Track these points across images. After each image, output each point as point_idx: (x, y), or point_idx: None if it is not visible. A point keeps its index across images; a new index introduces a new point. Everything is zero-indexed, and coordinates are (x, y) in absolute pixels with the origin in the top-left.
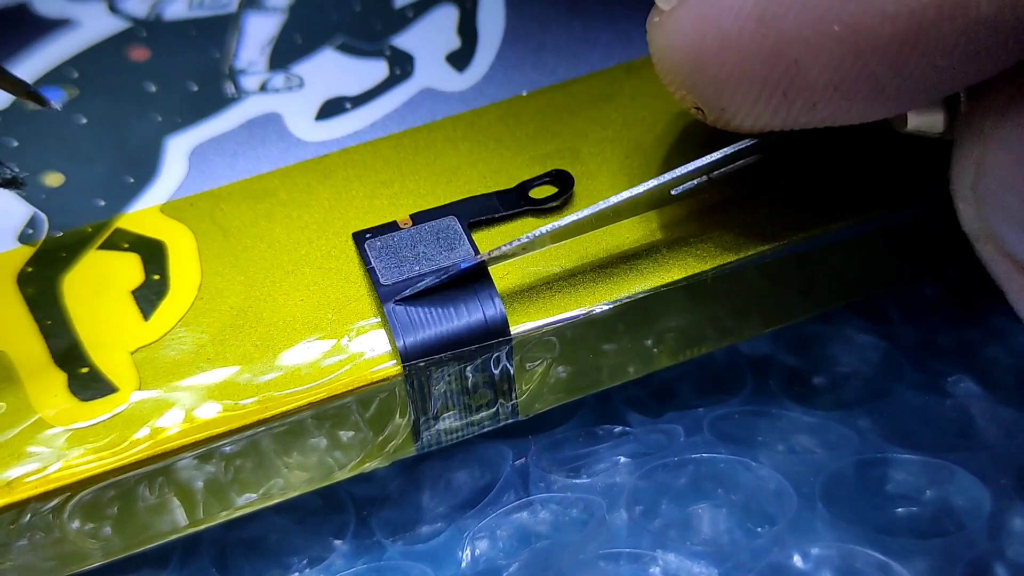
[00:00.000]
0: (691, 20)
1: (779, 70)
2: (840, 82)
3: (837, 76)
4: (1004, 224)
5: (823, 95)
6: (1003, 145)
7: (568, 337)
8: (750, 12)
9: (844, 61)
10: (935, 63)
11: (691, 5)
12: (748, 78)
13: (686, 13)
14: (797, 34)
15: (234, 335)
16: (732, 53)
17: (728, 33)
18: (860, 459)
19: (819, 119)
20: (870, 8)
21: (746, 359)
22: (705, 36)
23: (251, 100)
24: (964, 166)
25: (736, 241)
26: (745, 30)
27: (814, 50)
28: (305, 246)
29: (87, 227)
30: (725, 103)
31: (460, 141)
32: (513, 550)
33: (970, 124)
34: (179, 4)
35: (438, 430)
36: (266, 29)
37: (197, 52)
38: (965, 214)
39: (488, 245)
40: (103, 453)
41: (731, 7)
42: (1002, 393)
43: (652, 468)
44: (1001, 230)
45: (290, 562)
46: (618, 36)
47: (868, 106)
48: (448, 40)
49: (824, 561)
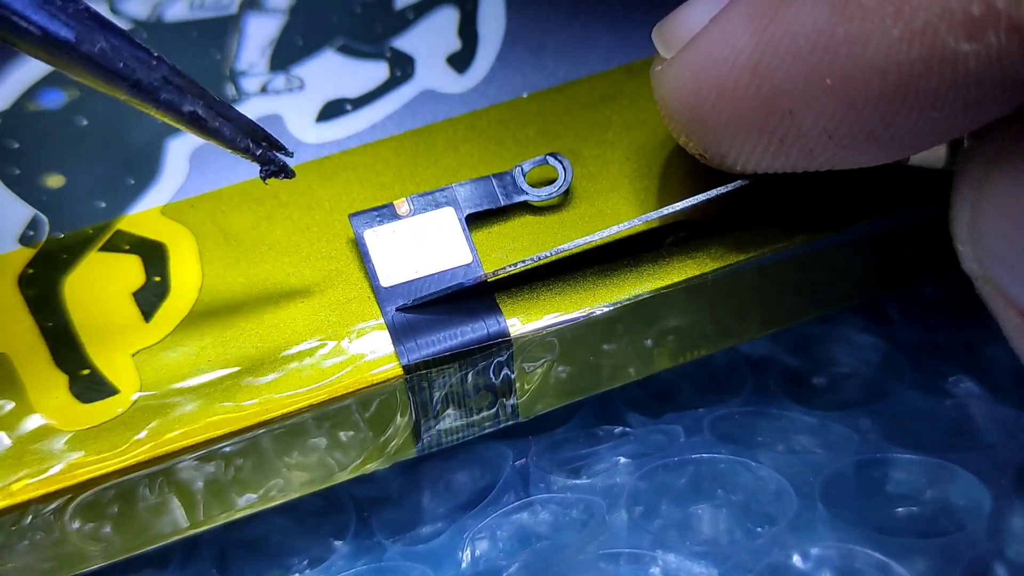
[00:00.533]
0: (689, 71)
1: (774, 119)
2: (834, 132)
3: (831, 126)
4: (998, 268)
5: (818, 143)
6: (994, 193)
7: (568, 338)
8: (744, 64)
9: (837, 112)
10: (926, 115)
11: (689, 55)
12: (745, 126)
13: (685, 63)
14: (791, 86)
15: (235, 337)
16: (728, 103)
17: (724, 84)
18: (860, 459)
19: (817, 164)
20: (860, 62)
21: (746, 359)
22: (702, 86)
23: (252, 102)
24: (960, 209)
25: (736, 244)
26: (740, 81)
27: (807, 101)
28: (306, 248)
29: (88, 229)
30: (724, 149)
31: (460, 143)
32: (513, 551)
33: (967, 168)
34: (180, 5)
35: (439, 431)
36: (267, 31)
37: (198, 54)
38: (963, 255)
39: (486, 245)
40: (104, 455)
41: (727, 59)
42: (1002, 393)
43: (652, 468)
44: (996, 274)
45: (290, 563)
46: (619, 38)
47: (864, 154)
48: (449, 42)
49: (824, 561)
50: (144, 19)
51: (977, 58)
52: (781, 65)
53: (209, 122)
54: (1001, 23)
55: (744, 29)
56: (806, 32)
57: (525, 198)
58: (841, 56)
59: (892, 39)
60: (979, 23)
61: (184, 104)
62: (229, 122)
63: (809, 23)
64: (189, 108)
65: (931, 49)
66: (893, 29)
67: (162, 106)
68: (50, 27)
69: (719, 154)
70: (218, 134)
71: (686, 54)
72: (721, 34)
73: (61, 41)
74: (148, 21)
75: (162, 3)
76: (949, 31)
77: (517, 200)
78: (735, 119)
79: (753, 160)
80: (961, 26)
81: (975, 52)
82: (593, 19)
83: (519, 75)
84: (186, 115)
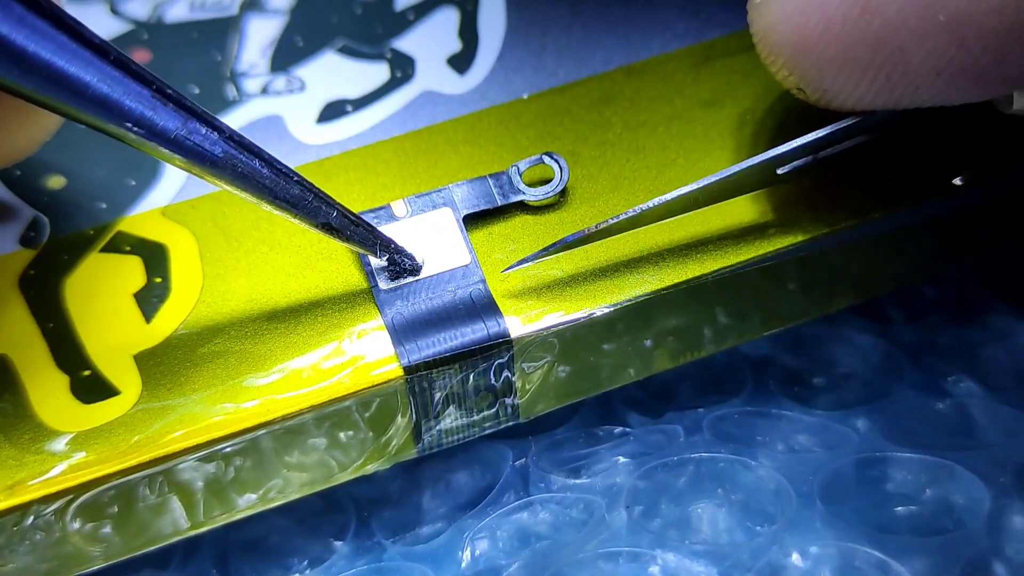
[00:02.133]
0: (795, 3)
1: (882, 56)
2: (944, 69)
3: (941, 63)
4: None
5: (926, 80)
6: None
7: (569, 339)
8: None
9: (948, 50)
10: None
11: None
12: (851, 63)
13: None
14: (902, 22)
15: (236, 338)
16: (836, 38)
17: (832, 18)
18: (859, 458)
19: (921, 100)
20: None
21: (746, 359)
22: (808, 20)
23: (252, 103)
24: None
25: (736, 244)
26: (850, 16)
27: (918, 38)
28: (306, 249)
29: (89, 230)
30: (827, 85)
31: (461, 144)
32: (513, 550)
33: None
34: (180, 6)
35: (439, 432)
36: (267, 31)
37: (198, 54)
38: None
39: (486, 247)
40: (105, 456)
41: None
42: (1002, 392)
43: (652, 468)
44: None
45: (290, 563)
46: (619, 39)
47: (971, 90)
48: (449, 43)
49: (823, 560)
50: (145, 20)
51: None
52: (894, 1)
53: (341, 232)
54: None
55: None
56: None
57: (522, 197)
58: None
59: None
60: None
61: (319, 216)
62: (358, 227)
63: None
64: (323, 220)
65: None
66: None
67: (300, 215)
68: (203, 148)
69: (820, 89)
70: (350, 240)
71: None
72: None
73: (209, 160)
74: (149, 22)
75: (163, 4)
76: None
77: (514, 200)
78: (841, 54)
79: (855, 96)
80: None
81: None
82: (593, 20)
83: (519, 76)
84: (320, 225)
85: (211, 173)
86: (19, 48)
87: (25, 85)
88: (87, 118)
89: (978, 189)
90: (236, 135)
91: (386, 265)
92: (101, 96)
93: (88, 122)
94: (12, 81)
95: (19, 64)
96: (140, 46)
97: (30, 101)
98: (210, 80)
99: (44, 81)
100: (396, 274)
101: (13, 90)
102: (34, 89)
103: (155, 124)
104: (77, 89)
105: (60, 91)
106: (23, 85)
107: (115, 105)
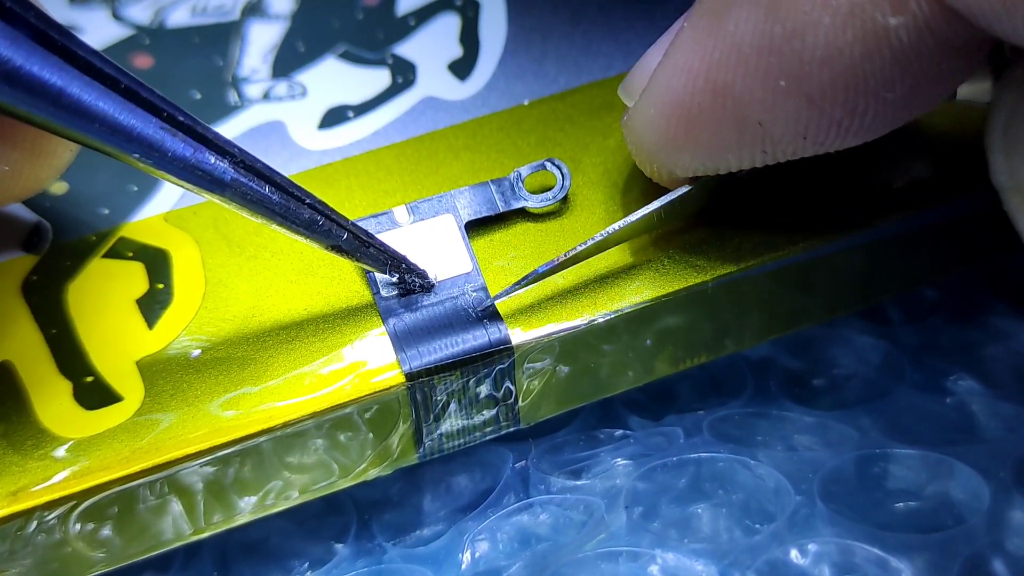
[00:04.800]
0: (654, 107)
1: (748, 133)
2: (807, 132)
3: (801, 126)
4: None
5: (796, 144)
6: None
7: (570, 346)
8: (702, 86)
9: (802, 113)
10: (882, 97)
11: (649, 93)
12: (724, 146)
13: (648, 102)
14: (751, 97)
15: (238, 344)
16: (700, 127)
17: (690, 110)
18: (859, 455)
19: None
20: (804, 56)
21: (746, 361)
22: (670, 120)
23: (254, 108)
24: (997, 116)
25: (736, 252)
26: (704, 104)
27: (771, 109)
28: (308, 255)
29: (91, 236)
30: (717, 166)
31: (462, 150)
32: (513, 552)
33: (1007, 78)
34: (182, 11)
35: (440, 438)
36: (269, 37)
37: (200, 60)
38: (995, 165)
39: (487, 253)
40: (108, 462)
41: (685, 86)
42: (1002, 389)
43: (651, 469)
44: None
45: (291, 565)
46: (619, 46)
47: (844, 142)
48: (450, 49)
49: (822, 557)
50: (146, 25)
51: (907, 30)
52: (736, 77)
53: (352, 253)
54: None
55: (693, 53)
56: (748, 39)
57: (524, 204)
58: (785, 54)
59: (826, 27)
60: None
61: (330, 238)
62: (369, 248)
63: (748, 29)
64: (334, 243)
65: (863, 29)
66: (824, 17)
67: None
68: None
69: (713, 170)
70: (360, 260)
71: (647, 93)
72: (674, 64)
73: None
74: (150, 27)
75: (165, 9)
76: (875, 8)
77: (515, 206)
78: (713, 141)
79: (748, 166)
80: (884, 0)
81: (904, 24)
82: (594, 27)
83: (520, 82)
84: (331, 247)
85: (220, 198)
86: (32, 79)
87: (36, 113)
88: (95, 144)
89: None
90: (247, 160)
91: (396, 282)
92: (110, 125)
93: (96, 148)
94: (23, 109)
95: (31, 93)
96: (142, 51)
97: (40, 128)
98: (211, 85)
99: (54, 109)
100: (406, 292)
101: (24, 118)
102: (45, 118)
103: (163, 155)
104: (87, 118)
105: (70, 119)
106: (33, 113)
107: (123, 135)
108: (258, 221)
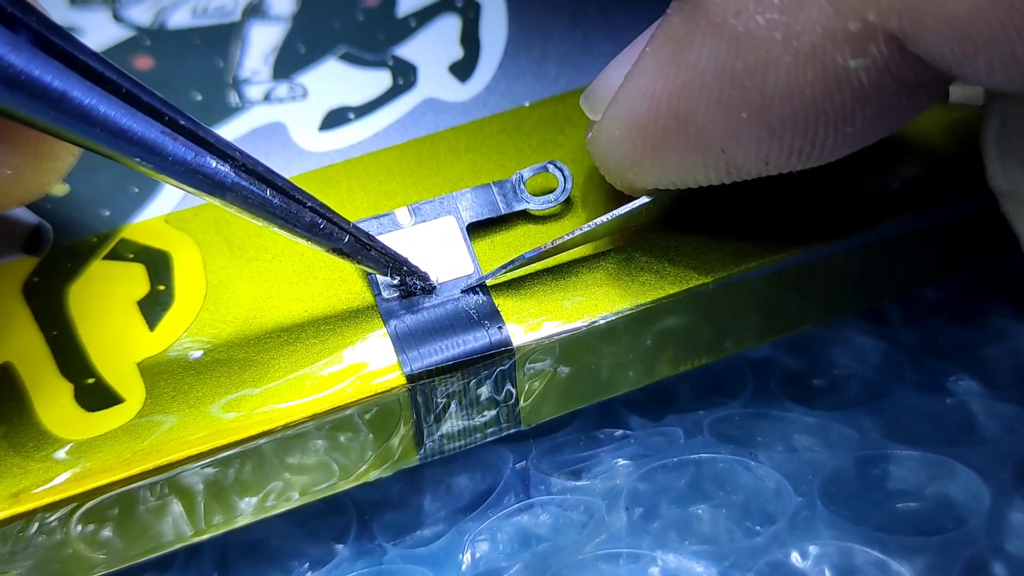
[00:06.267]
0: (619, 128)
1: (711, 159)
2: (768, 158)
3: (763, 154)
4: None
5: (759, 167)
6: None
7: (570, 347)
8: (666, 111)
9: (763, 142)
10: (842, 130)
11: (613, 113)
12: (689, 167)
13: (612, 122)
14: (713, 125)
15: (239, 345)
16: (664, 151)
17: (653, 134)
18: (860, 456)
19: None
20: (766, 91)
21: (747, 362)
22: (635, 142)
23: (255, 110)
24: (991, 122)
25: (737, 253)
26: (668, 129)
27: (733, 137)
28: (309, 257)
29: (92, 237)
30: (685, 183)
31: (463, 152)
32: (513, 552)
33: None
34: (183, 13)
35: (441, 439)
36: (269, 38)
37: (201, 61)
38: (991, 171)
39: (488, 256)
40: (109, 464)
41: (648, 111)
42: (1002, 390)
43: (651, 469)
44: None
45: (291, 565)
46: (620, 47)
47: (806, 165)
48: (451, 50)
49: (823, 559)
50: (147, 26)
51: (867, 72)
52: (698, 107)
53: (354, 256)
54: (879, 35)
55: (655, 80)
56: (711, 70)
57: (525, 206)
58: (747, 88)
59: (787, 65)
60: (859, 38)
61: (332, 241)
62: (371, 251)
63: (712, 62)
64: (335, 246)
65: (824, 69)
66: (785, 55)
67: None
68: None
69: (684, 187)
70: (361, 263)
71: (611, 113)
72: (636, 88)
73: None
74: (151, 28)
75: (165, 10)
76: (836, 50)
77: (517, 208)
78: (679, 162)
79: (716, 183)
80: (845, 43)
81: (864, 67)
82: (594, 28)
83: (521, 84)
84: (333, 250)
85: (221, 202)
86: (33, 83)
87: (37, 118)
88: (97, 148)
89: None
90: (248, 163)
91: (397, 284)
92: (111, 130)
93: (98, 151)
94: (25, 113)
95: (32, 98)
96: (142, 52)
97: (43, 132)
98: (212, 87)
99: (56, 114)
100: (407, 293)
101: (26, 122)
102: (47, 122)
103: (165, 159)
104: (88, 123)
105: (72, 124)
106: (35, 117)
107: (125, 139)
108: (259, 224)
